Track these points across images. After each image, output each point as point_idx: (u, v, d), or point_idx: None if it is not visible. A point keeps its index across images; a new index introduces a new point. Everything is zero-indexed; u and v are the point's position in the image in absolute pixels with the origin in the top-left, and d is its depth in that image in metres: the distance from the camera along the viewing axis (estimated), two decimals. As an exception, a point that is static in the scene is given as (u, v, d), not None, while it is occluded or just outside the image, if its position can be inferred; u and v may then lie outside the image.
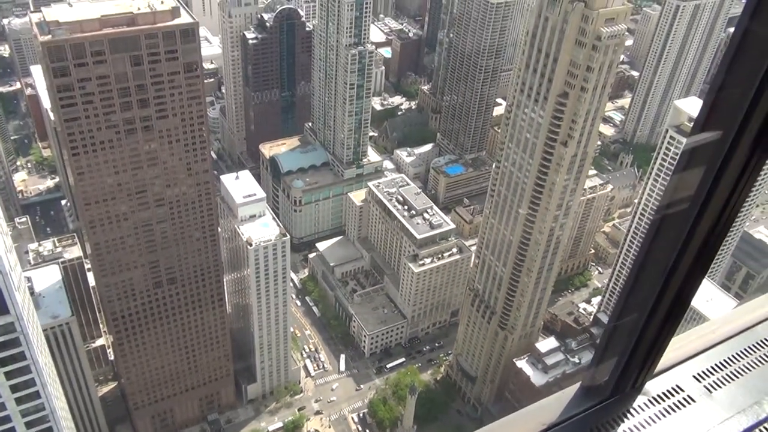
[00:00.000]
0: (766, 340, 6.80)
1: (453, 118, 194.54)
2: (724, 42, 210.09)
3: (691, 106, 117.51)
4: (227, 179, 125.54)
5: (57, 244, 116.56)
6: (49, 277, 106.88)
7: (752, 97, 4.72)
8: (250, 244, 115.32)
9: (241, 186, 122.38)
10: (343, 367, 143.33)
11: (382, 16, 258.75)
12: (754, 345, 6.78)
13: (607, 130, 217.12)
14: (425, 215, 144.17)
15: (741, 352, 6.71)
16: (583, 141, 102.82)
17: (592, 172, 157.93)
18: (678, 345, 6.57)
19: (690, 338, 6.82)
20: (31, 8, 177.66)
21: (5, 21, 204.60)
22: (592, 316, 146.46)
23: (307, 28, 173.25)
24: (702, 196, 5.03)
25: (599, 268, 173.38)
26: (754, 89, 4.70)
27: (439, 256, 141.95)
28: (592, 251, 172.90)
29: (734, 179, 4.98)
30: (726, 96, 4.88)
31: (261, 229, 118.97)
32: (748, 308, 7.08)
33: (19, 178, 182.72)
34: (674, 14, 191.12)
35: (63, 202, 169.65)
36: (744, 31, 4.77)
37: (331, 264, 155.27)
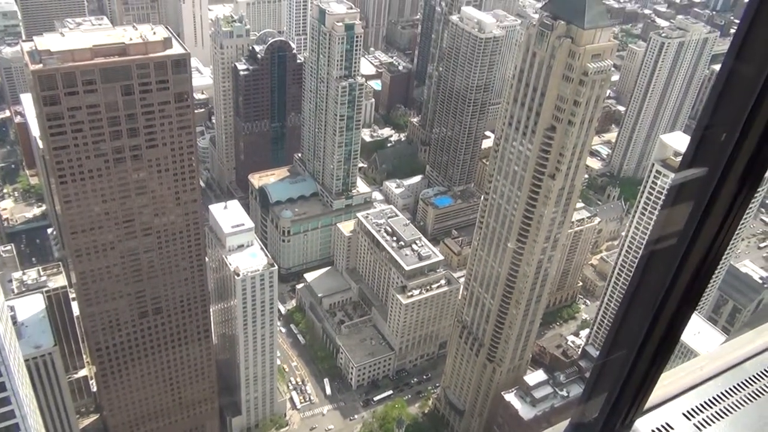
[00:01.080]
0: (754, 377, 6.79)
1: (442, 150, 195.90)
2: (708, 78, 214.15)
3: (677, 140, 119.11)
4: (216, 209, 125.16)
5: (42, 273, 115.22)
6: (32, 306, 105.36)
7: (738, 134, 4.79)
8: (238, 274, 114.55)
9: (229, 216, 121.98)
10: (329, 390, 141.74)
11: (372, 49, 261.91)
12: (742, 382, 6.77)
13: (594, 164, 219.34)
14: (414, 246, 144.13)
15: (730, 389, 6.69)
16: (571, 174, 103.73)
17: (580, 205, 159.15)
18: (667, 381, 6.54)
19: (678, 375, 6.79)
20: (23, 37, 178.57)
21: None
22: (580, 349, 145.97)
23: (298, 61, 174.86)
24: (690, 231, 5.07)
25: (587, 301, 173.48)
26: (740, 127, 4.78)
27: (428, 287, 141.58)
28: (580, 284, 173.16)
29: (722, 215, 5.02)
30: (713, 133, 4.95)
31: (249, 259, 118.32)
32: (735, 345, 7.09)
33: (6, 206, 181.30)
34: (659, 51, 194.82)
35: (49, 230, 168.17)
36: (729, 70, 4.86)
37: (319, 295, 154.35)
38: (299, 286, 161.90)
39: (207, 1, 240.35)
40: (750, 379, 6.81)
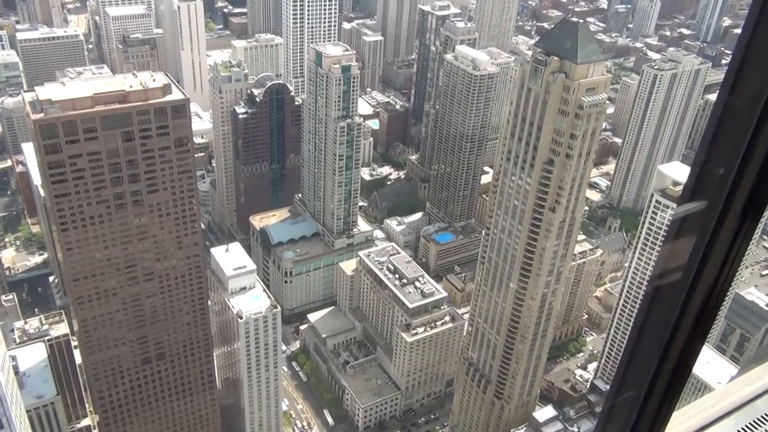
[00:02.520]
0: (766, 415, 6.66)
1: (441, 186, 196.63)
2: (703, 108, 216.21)
3: (675, 170, 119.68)
4: (217, 252, 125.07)
5: (43, 322, 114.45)
6: (34, 355, 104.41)
7: (737, 168, 4.81)
8: (241, 317, 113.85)
9: (231, 258, 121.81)
10: (331, 421, 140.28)
11: (369, 89, 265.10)
12: (755, 421, 6.64)
13: (594, 196, 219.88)
14: (417, 284, 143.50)
15: (742, 429, 6.56)
16: (571, 207, 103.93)
17: (581, 237, 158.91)
18: (678, 421, 6.44)
19: (689, 414, 6.69)
20: (25, 88, 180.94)
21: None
22: (589, 383, 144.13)
23: (297, 102, 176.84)
24: (695, 265, 5.05)
25: (593, 333, 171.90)
26: (738, 161, 4.80)
27: (432, 325, 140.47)
28: (586, 316, 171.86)
29: (726, 248, 5.01)
30: (711, 168, 4.97)
31: (251, 302, 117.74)
32: (745, 381, 6.98)
33: (7, 255, 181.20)
34: (652, 83, 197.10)
35: (51, 278, 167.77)
36: (723, 104, 4.91)
37: (323, 335, 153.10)
38: (303, 327, 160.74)
39: (205, 48, 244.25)
40: (762, 418, 6.68)
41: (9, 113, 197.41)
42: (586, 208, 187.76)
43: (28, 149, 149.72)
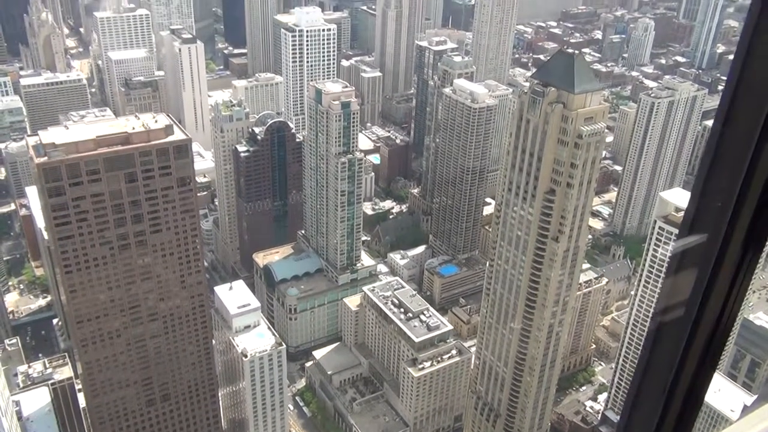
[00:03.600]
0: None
1: (444, 219, 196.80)
2: (701, 134, 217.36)
3: (676, 196, 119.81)
4: (221, 290, 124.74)
5: (47, 365, 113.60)
6: (38, 400, 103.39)
7: (737, 196, 4.82)
8: (245, 356, 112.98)
9: (235, 296, 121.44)
10: None
11: (369, 124, 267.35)
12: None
13: (597, 224, 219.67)
14: (422, 317, 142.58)
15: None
16: (574, 236, 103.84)
17: (586, 266, 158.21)
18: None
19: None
20: (29, 132, 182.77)
21: (2, 145, 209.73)
22: (600, 415, 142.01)
23: (297, 140, 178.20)
24: (698, 299, 5.02)
25: (602, 363, 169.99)
26: (738, 189, 4.81)
27: (439, 359, 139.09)
28: (593, 346, 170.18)
29: (729, 280, 4.99)
30: (709, 201, 4.98)
31: (256, 340, 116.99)
32: (761, 415, 6.79)
33: (11, 299, 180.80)
34: (650, 111, 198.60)
35: (55, 321, 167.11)
36: (719, 136, 4.95)
37: (329, 372, 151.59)
38: (308, 364, 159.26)
39: (207, 88, 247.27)
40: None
41: (13, 157, 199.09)
42: (590, 236, 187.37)
43: (32, 193, 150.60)
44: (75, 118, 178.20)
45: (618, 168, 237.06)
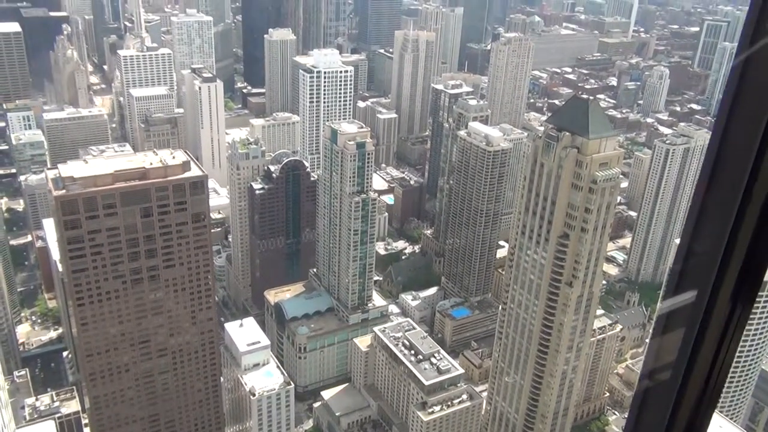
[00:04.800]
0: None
1: (457, 261, 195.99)
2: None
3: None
4: (231, 327, 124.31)
5: (55, 399, 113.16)
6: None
7: (724, 250, 4.73)
8: (253, 395, 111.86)
9: (245, 334, 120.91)
10: None
11: (383, 165, 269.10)
12: None
13: (611, 270, 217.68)
14: (433, 360, 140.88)
15: None
16: (588, 281, 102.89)
17: (600, 312, 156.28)
18: None
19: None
20: (49, 165, 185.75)
21: (22, 178, 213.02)
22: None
23: (312, 178, 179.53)
24: (686, 358, 4.88)
25: (616, 412, 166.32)
26: (725, 243, 4.72)
27: (449, 403, 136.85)
28: (607, 394, 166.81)
29: (718, 337, 4.84)
30: (698, 253, 4.90)
31: (264, 379, 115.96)
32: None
33: (22, 330, 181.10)
34: (665, 157, 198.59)
35: (65, 353, 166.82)
36: (705, 189, 4.90)
37: (337, 414, 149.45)
38: (316, 404, 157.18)
39: (224, 126, 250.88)
40: None
41: (32, 190, 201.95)
42: (604, 282, 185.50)
43: (49, 225, 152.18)
44: (95, 152, 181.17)
45: (633, 214, 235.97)
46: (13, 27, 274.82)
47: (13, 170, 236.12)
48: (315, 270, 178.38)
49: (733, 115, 4.74)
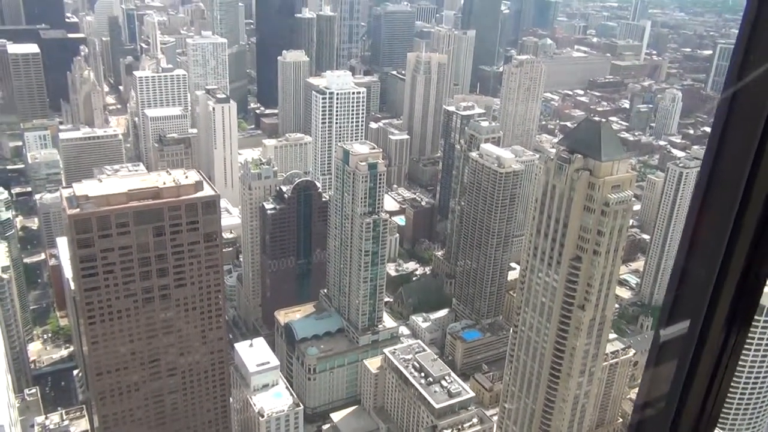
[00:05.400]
0: None
1: (468, 283, 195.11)
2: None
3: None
4: (241, 347, 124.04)
5: (64, 417, 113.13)
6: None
7: (715, 280, 4.63)
8: (262, 416, 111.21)
9: (254, 354, 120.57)
10: None
11: (395, 186, 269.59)
12: None
13: (624, 293, 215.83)
14: (443, 383, 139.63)
15: None
16: (601, 304, 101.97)
17: (612, 336, 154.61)
18: None
19: None
20: (64, 184, 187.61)
21: (37, 196, 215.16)
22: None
23: (324, 199, 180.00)
24: (678, 391, 4.77)
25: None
26: (716, 273, 4.62)
27: (459, 427, 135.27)
28: (620, 420, 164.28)
29: (713, 364, 4.73)
30: (690, 286, 4.81)
31: (273, 400, 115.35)
32: None
33: (34, 348, 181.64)
34: (678, 180, 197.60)
35: (75, 372, 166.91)
36: (695, 221, 4.82)
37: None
38: (325, 427, 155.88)
39: (237, 146, 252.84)
40: None
41: (46, 208, 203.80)
42: (617, 305, 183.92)
43: (62, 243, 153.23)
44: (109, 171, 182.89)
45: (646, 237, 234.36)
46: (32, 48, 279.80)
47: (29, 189, 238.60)
48: (325, 291, 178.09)
49: (724, 142, 4.71)
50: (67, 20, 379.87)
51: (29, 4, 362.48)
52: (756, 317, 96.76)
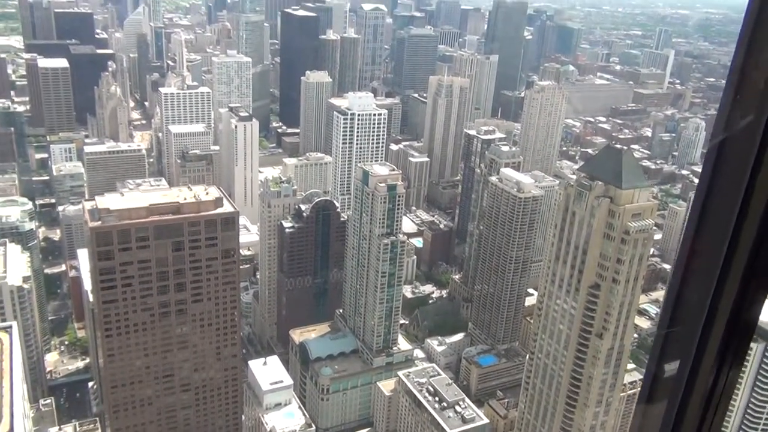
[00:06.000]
0: None
1: (484, 307, 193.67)
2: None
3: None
4: (255, 365, 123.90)
5: (78, 429, 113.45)
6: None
7: (705, 319, 4.53)
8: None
9: (268, 372, 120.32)
10: None
11: (414, 208, 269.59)
12: None
13: (644, 323, 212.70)
14: (457, 408, 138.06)
15: None
16: (619, 333, 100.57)
17: (631, 366, 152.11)
18: None
19: None
20: (87, 197, 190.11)
21: (60, 208, 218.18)
22: None
23: (342, 219, 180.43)
24: (670, 424, 4.65)
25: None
26: (706, 312, 4.51)
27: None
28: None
29: (703, 404, 4.60)
30: (680, 323, 4.72)
31: (285, 419, 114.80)
32: None
33: (51, 359, 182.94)
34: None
35: (90, 384, 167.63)
36: (686, 262, 4.74)
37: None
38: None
39: (258, 164, 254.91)
40: None
41: (69, 220, 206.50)
42: (636, 335, 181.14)
43: (83, 255, 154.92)
44: (131, 185, 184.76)
45: (666, 267, 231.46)
46: (62, 63, 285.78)
47: (53, 200, 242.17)
48: (341, 310, 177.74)
49: (716, 174, 4.66)
50: (96, 36, 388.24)
51: (61, 20, 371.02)
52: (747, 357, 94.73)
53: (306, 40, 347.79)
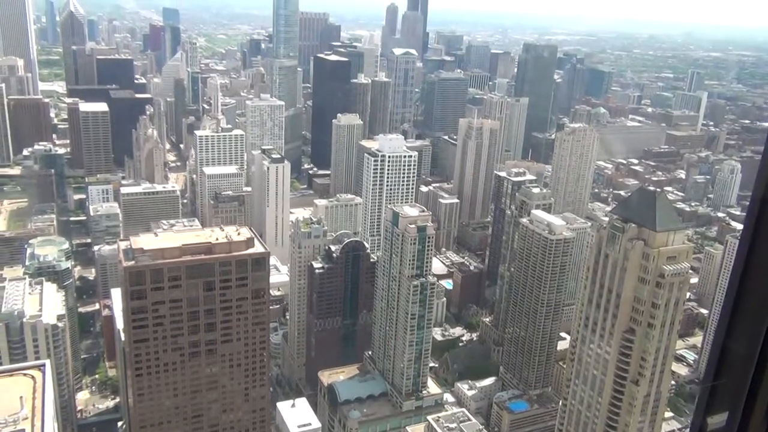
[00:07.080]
0: None
1: (516, 351, 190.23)
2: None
3: None
4: (283, 407, 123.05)
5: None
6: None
7: (754, 371, 4.37)
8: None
9: (296, 414, 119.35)
10: None
11: (444, 249, 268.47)
12: None
13: (681, 369, 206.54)
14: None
15: None
16: (656, 380, 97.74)
17: (668, 414, 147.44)
18: None
19: None
20: (121, 236, 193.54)
21: (96, 247, 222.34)
22: None
23: (372, 260, 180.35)
24: None
25: None
26: (755, 363, 4.37)
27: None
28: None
29: None
30: (728, 375, 4.59)
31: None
32: None
33: (82, 397, 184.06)
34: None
35: (119, 423, 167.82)
36: (731, 310, 4.61)
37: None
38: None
39: (289, 205, 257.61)
40: None
41: (104, 259, 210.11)
42: (673, 382, 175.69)
43: (116, 294, 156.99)
44: (165, 226, 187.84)
45: (704, 311, 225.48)
46: (101, 107, 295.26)
47: (89, 240, 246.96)
48: (370, 352, 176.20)
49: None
50: (135, 81, 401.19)
51: (102, 67, 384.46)
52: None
53: (338, 84, 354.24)
